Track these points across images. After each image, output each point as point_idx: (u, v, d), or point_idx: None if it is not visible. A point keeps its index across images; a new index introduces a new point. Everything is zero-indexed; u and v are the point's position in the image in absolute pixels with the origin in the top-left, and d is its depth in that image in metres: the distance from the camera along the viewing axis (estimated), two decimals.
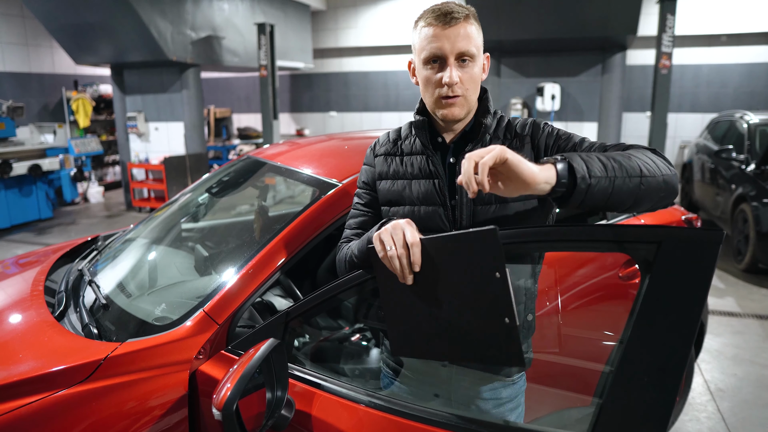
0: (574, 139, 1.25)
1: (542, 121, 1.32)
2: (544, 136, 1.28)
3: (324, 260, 2.94)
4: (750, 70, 9.89)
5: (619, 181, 1.00)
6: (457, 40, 1.22)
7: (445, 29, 1.22)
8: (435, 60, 1.24)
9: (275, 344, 1.18)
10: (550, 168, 0.99)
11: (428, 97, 1.29)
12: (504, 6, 6.65)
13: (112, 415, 1.39)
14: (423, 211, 1.30)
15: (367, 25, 12.04)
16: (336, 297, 1.34)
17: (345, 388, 1.28)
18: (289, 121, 13.34)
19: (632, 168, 1.02)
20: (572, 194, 0.99)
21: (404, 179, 1.34)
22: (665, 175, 1.06)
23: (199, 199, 2.46)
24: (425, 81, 1.27)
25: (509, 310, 0.99)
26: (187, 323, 1.53)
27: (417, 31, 1.28)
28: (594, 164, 1.00)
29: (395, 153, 1.39)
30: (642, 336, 0.93)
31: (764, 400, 3.21)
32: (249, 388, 1.20)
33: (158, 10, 7.42)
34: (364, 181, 1.45)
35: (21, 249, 6.60)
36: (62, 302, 1.85)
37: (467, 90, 1.25)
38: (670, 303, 0.93)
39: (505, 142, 1.29)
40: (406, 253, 1.08)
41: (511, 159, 0.96)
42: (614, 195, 1.01)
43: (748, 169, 5.68)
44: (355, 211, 1.45)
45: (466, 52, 1.23)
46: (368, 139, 2.73)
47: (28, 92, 9.91)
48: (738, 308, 4.61)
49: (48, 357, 1.49)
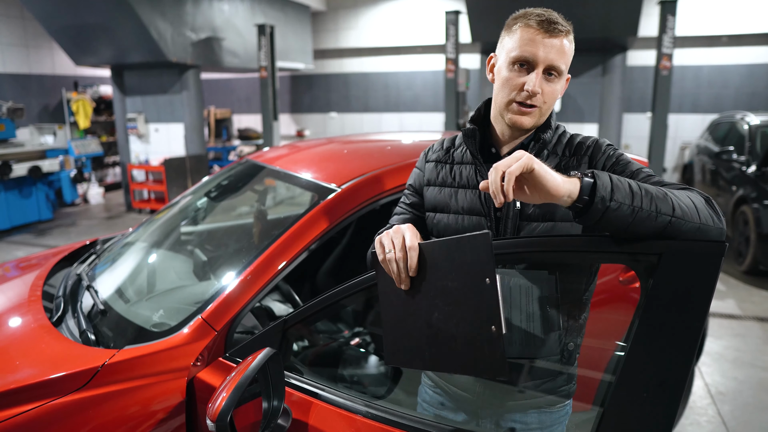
0: (632, 167, 1.20)
1: (605, 143, 1.27)
2: (603, 159, 1.24)
3: (324, 263, 2.94)
4: (751, 71, 9.87)
5: (643, 213, 0.96)
6: (552, 52, 1.18)
7: (545, 37, 1.18)
8: (523, 64, 1.20)
9: (271, 354, 1.18)
10: (575, 182, 0.97)
11: (502, 98, 1.24)
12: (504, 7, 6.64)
13: (110, 422, 1.38)
14: (467, 221, 1.29)
15: (368, 26, 12.03)
16: (334, 305, 1.33)
17: (343, 397, 1.27)
18: (290, 122, 13.33)
19: (665, 206, 0.97)
20: (588, 212, 0.96)
21: (451, 187, 1.33)
22: (703, 225, 0.98)
23: (198, 203, 2.45)
24: (505, 81, 1.22)
25: (497, 317, 0.98)
26: (184, 330, 1.52)
27: (513, 29, 1.23)
28: (621, 189, 0.97)
29: (446, 161, 1.38)
30: (642, 351, 0.92)
31: (765, 404, 3.19)
32: (245, 398, 1.20)
33: (158, 11, 7.42)
34: (411, 184, 1.45)
35: (21, 250, 6.60)
36: (60, 307, 1.84)
37: (545, 104, 1.22)
38: (671, 317, 0.91)
39: (562, 159, 1.26)
40: (403, 256, 1.08)
41: (538, 169, 0.95)
42: (635, 225, 0.97)
43: (749, 171, 5.67)
44: (399, 208, 1.45)
45: (556, 67, 1.20)
46: (368, 143, 2.74)
47: (28, 93, 9.91)
48: (739, 311, 4.60)
49: (45, 364, 1.48)
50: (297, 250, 1.66)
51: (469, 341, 1.03)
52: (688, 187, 1.09)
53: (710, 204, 1.04)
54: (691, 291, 0.91)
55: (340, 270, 2.90)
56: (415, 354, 1.12)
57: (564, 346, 1.25)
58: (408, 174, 1.90)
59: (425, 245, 1.08)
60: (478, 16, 7.00)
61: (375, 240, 1.16)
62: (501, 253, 1.13)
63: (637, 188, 0.98)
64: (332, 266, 2.91)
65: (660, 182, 1.12)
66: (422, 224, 1.38)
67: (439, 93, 11.38)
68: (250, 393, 1.21)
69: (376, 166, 1.91)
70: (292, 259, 1.65)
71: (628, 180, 0.99)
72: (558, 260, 1.20)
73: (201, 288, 1.89)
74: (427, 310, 1.08)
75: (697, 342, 0.88)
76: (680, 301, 0.91)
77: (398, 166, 1.92)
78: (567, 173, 1.19)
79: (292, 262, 1.65)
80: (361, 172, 1.87)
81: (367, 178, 1.84)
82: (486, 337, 1.00)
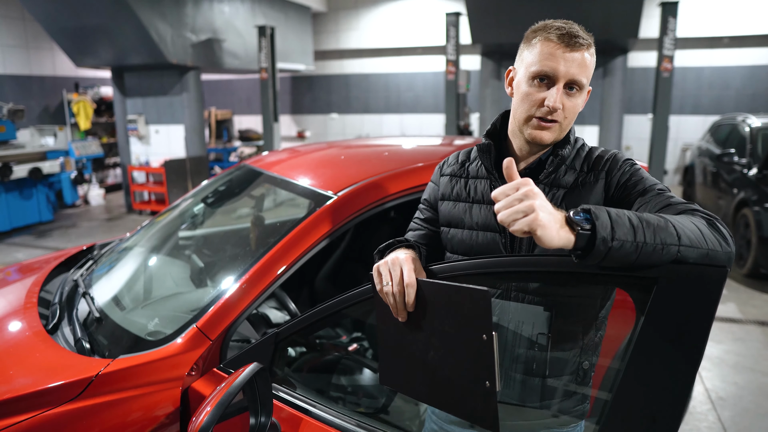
0: (644, 184, 1.16)
1: (623, 158, 1.24)
2: (619, 174, 1.21)
3: (323, 268, 2.93)
4: (752, 73, 9.85)
5: (648, 248, 0.92)
6: (573, 66, 1.16)
7: (565, 51, 1.15)
8: (543, 78, 1.17)
9: (257, 369, 1.16)
10: (569, 234, 0.92)
11: (522, 112, 1.21)
12: (504, 9, 6.63)
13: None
14: (481, 237, 1.26)
15: (368, 27, 12.03)
16: (328, 317, 1.32)
17: (333, 415, 1.26)
18: (290, 123, 13.33)
19: (670, 236, 0.94)
20: (590, 254, 0.93)
21: (466, 202, 1.31)
22: (712, 251, 0.95)
23: (195, 209, 2.44)
24: (525, 96, 1.20)
25: (491, 373, 0.96)
26: (178, 340, 1.51)
27: (532, 43, 1.20)
28: (622, 225, 0.93)
29: (461, 175, 1.35)
30: (633, 383, 0.87)
31: (766, 409, 3.18)
32: (232, 411, 1.19)
33: (158, 12, 7.42)
34: (426, 198, 1.42)
35: (21, 252, 6.60)
36: (56, 315, 1.83)
37: (565, 119, 1.19)
38: (666, 348, 0.86)
39: (580, 175, 1.23)
40: (401, 291, 1.07)
41: (537, 231, 0.91)
42: (641, 260, 0.94)
43: (750, 174, 5.65)
44: (414, 224, 1.43)
45: (577, 81, 1.17)
46: (366, 148, 2.72)
47: (28, 95, 9.91)
48: (739, 314, 4.58)
49: (38, 374, 1.47)
50: (293, 258, 1.65)
51: (463, 388, 1.01)
52: (693, 207, 1.06)
53: (715, 227, 1.00)
54: (689, 320, 0.85)
55: (339, 275, 2.89)
56: (410, 382, 1.11)
57: (579, 365, 1.21)
58: (406, 180, 1.90)
59: (425, 284, 1.06)
60: (478, 17, 6.98)
61: (374, 268, 1.13)
62: (508, 272, 1.09)
63: (637, 222, 0.94)
64: (331, 271, 2.90)
65: (669, 202, 1.09)
66: (437, 240, 1.36)
67: (440, 94, 11.37)
68: (238, 407, 1.20)
69: (374, 173, 1.90)
70: (288, 268, 1.64)
71: (628, 214, 0.95)
72: (549, 282, 1.17)
73: (197, 295, 1.88)
74: (424, 346, 1.06)
75: (694, 377, 0.83)
76: (676, 331, 0.86)
77: (396, 172, 1.91)
78: (582, 188, 1.16)
79: (288, 271, 1.64)
80: (358, 178, 1.86)
81: (364, 185, 1.83)
82: (480, 390, 0.98)
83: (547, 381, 1.20)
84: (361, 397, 1.73)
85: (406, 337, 1.09)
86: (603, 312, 1.23)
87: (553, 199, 1.21)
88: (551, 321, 1.16)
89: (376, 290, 1.12)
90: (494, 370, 0.96)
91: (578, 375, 1.22)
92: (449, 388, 1.03)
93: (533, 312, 1.17)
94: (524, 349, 1.20)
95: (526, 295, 1.19)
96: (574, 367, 1.20)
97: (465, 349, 1.00)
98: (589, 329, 1.21)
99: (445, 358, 1.03)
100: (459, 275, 1.13)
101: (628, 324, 0.97)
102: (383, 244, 1.24)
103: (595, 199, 1.20)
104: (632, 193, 1.16)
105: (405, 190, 1.85)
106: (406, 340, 1.09)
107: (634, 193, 1.16)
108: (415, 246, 1.22)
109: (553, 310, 1.16)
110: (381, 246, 1.24)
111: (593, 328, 1.21)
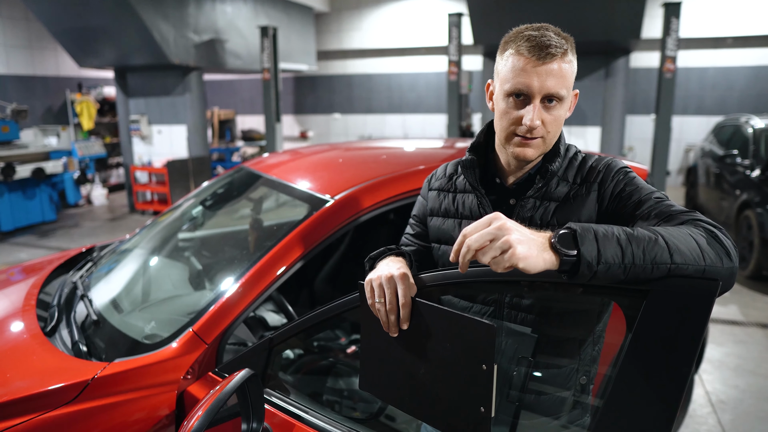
0: (640, 194, 1.11)
1: (617, 167, 1.18)
2: (612, 185, 1.15)
3: (322, 270, 2.93)
4: (756, 73, 9.81)
5: (636, 269, 0.89)
6: (548, 80, 1.08)
7: (537, 65, 1.08)
8: (519, 95, 1.11)
9: (249, 375, 1.17)
10: (553, 257, 0.89)
11: (501, 130, 1.16)
12: (505, 9, 6.62)
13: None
14: None
15: (371, 27, 12.03)
16: (322, 323, 1.32)
17: (325, 421, 1.26)
18: (293, 123, 13.35)
19: (661, 254, 0.89)
20: (576, 275, 0.90)
21: (455, 218, 1.27)
22: (709, 267, 0.90)
23: (193, 212, 2.44)
24: (503, 113, 1.15)
25: (488, 401, 0.94)
26: (173, 344, 1.51)
27: (504, 56, 1.14)
28: (609, 248, 0.89)
29: (449, 189, 1.31)
30: (622, 398, 0.85)
31: (766, 413, 3.16)
32: (224, 416, 1.19)
33: (161, 13, 7.43)
34: (416, 214, 1.39)
35: (24, 252, 6.62)
36: (54, 317, 1.84)
37: (548, 133, 1.14)
38: (655, 362, 0.84)
39: (572, 188, 1.18)
40: (394, 309, 1.04)
41: (519, 265, 0.87)
42: (630, 278, 0.90)
43: (753, 175, 5.63)
44: (405, 239, 1.40)
45: (555, 94, 1.10)
46: (369, 150, 2.72)
47: (32, 95, 9.95)
48: (741, 316, 4.56)
49: (35, 377, 1.48)
50: (289, 261, 1.65)
51: (456, 410, 0.99)
52: (695, 217, 1.00)
53: (718, 239, 0.94)
54: (679, 335, 0.83)
55: (339, 277, 2.90)
56: (392, 392, 1.09)
57: (576, 380, 1.17)
58: (403, 183, 1.90)
59: (423, 306, 1.03)
60: (480, 18, 6.97)
61: (365, 282, 1.09)
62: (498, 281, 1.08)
63: (626, 241, 0.90)
64: (330, 273, 2.91)
65: (669, 212, 1.03)
66: (428, 255, 1.33)
67: (442, 94, 11.36)
68: (230, 412, 1.20)
69: (372, 176, 1.90)
70: (285, 271, 1.64)
71: (617, 232, 0.91)
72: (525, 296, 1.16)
73: (194, 298, 1.88)
74: (413, 362, 1.04)
75: (683, 393, 0.81)
76: (666, 345, 0.84)
77: (394, 176, 1.91)
78: (573, 201, 1.14)
79: (285, 274, 1.64)
80: (355, 182, 1.86)
81: (362, 189, 1.83)
82: (472, 415, 0.96)
83: (541, 398, 1.17)
84: (357, 402, 1.73)
85: (393, 349, 1.07)
86: (600, 326, 1.18)
87: (545, 213, 1.17)
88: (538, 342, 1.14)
89: (365, 301, 1.10)
90: (491, 398, 0.93)
91: (576, 390, 1.18)
92: (439, 406, 1.01)
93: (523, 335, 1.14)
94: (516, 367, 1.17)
95: (518, 313, 1.15)
96: (571, 382, 1.17)
97: (462, 374, 0.98)
98: (586, 343, 1.17)
99: (437, 377, 1.01)
100: (449, 284, 1.12)
101: (620, 336, 0.96)
102: (374, 252, 1.22)
103: (587, 212, 1.16)
104: (628, 204, 1.11)
105: (404, 193, 1.85)
106: (393, 353, 1.07)
107: (629, 204, 1.11)
108: (406, 255, 1.20)
109: (541, 330, 1.13)
110: (372, 254, 1.22)
111: (590, 342, 1.18)
